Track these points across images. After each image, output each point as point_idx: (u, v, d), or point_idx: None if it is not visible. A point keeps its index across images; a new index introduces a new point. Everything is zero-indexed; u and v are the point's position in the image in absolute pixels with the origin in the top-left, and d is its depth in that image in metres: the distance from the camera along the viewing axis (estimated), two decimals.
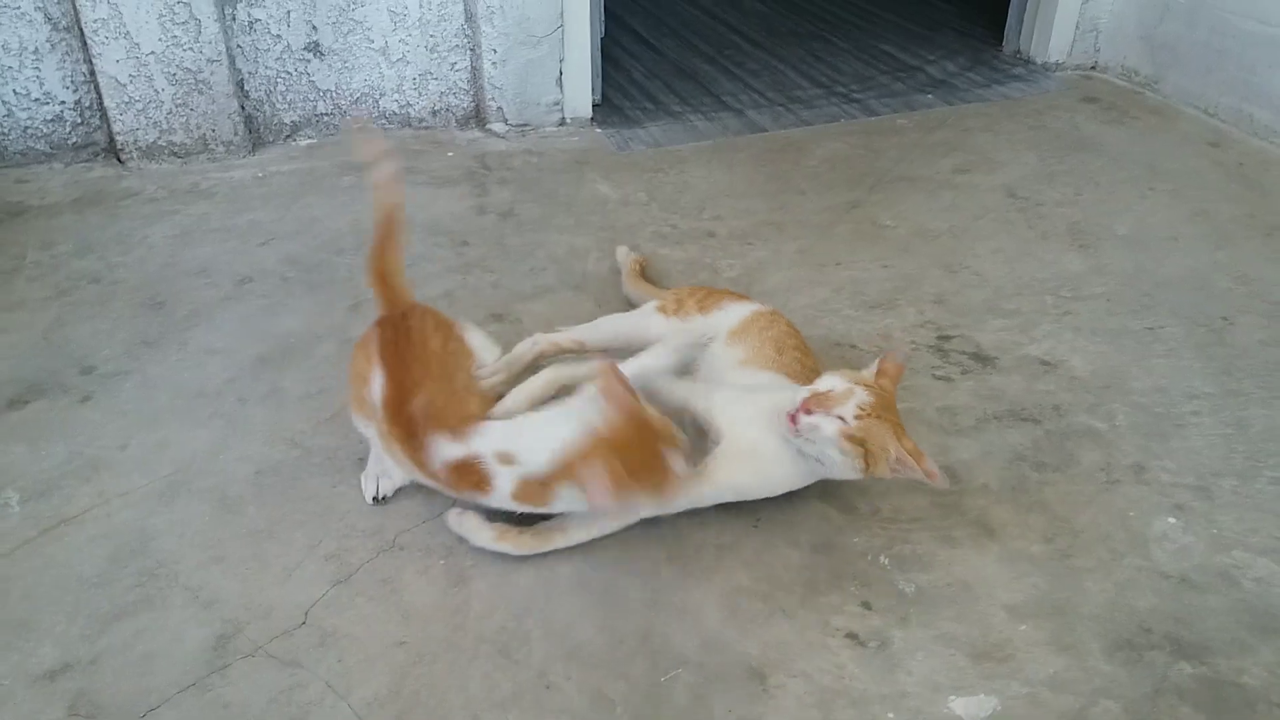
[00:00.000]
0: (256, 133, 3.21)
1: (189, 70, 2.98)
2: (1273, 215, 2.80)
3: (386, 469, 1.82)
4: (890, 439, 1.58)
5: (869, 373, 1.68)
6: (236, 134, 3.13)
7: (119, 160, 3.09)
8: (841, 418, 1.57)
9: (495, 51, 3.20)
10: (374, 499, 1.82)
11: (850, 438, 1.57)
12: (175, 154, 3.10)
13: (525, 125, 3.33)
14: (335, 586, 1.66)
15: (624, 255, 2.47)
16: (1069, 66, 3.82)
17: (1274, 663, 1.51)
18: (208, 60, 2.98)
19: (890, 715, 1.45)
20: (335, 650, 1.55)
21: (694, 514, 1.74)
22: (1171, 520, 1.77)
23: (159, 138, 3.06)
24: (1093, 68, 3.82)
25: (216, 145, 3.12)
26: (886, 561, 1.71)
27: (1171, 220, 2.79)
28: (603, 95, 3.51)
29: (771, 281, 2.51)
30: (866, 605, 1.63)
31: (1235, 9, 3.25)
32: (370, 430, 1.77)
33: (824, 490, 1.84)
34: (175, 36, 2.91)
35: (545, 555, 1.71)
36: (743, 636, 1.57)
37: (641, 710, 1.46)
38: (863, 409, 1.57)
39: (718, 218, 2.82)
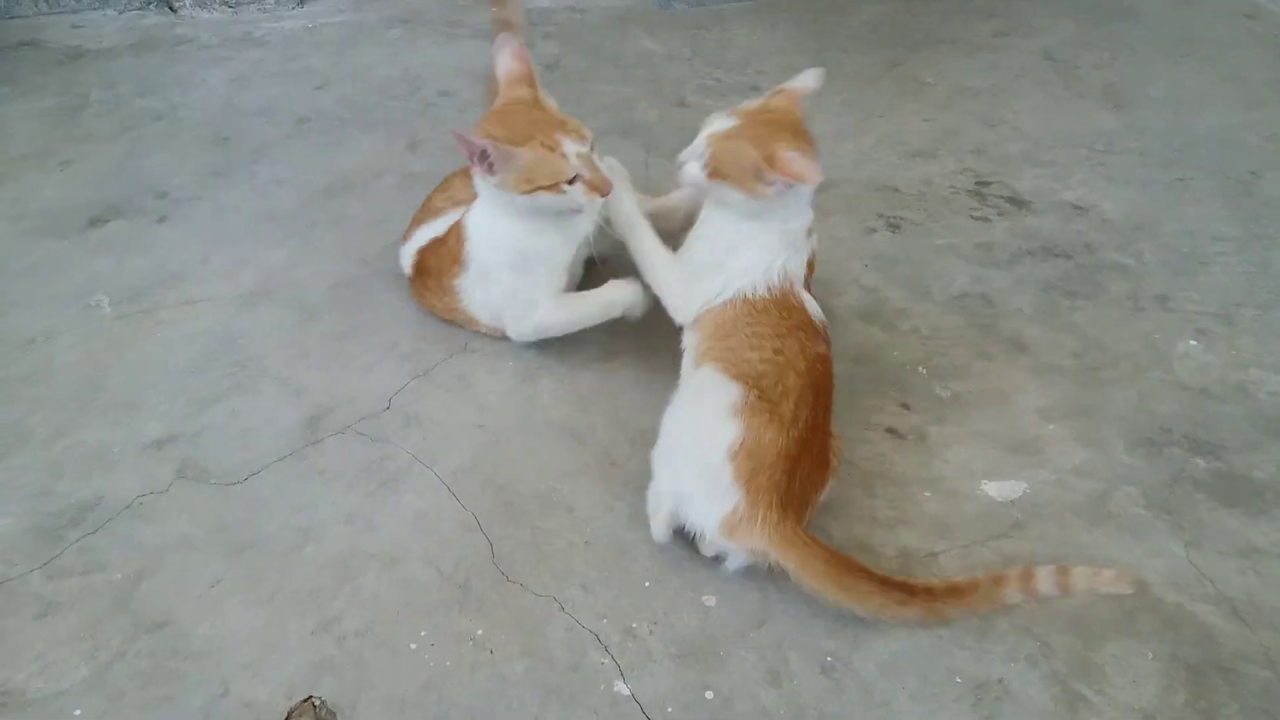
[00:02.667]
0: None
1: None
2: None
3: None
4: (743, 149, 1.49)
5: (756, 102, 1.62)
6: None
7: (171, 9, 3.14)
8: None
9: None
10: None
11: (711, 172, 1.52)
12: (226, 4, 3.15)
13: None
14: (414, 380, 1.79)
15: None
16: None
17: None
18: None
19: (927, 494, 1.59)
20: (419, 430, 1.69)
21: None
22: (1193, 342, 1.88)
23: None
24: None
25: None
26: (925, 371, 1.83)
27: (1204, 84, 2.83)
28: None
29: (817, 131, 2.51)
30: (905, 406, 1.76)
31: None
32: None
33: (865, 311, 1.96)
34: None
35: (606, 361, 1.84)
36: None
37: None
38: (713, 137, 1.53)
39: (761, 72, 2.87)
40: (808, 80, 1.63)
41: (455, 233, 1.78)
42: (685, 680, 1.33)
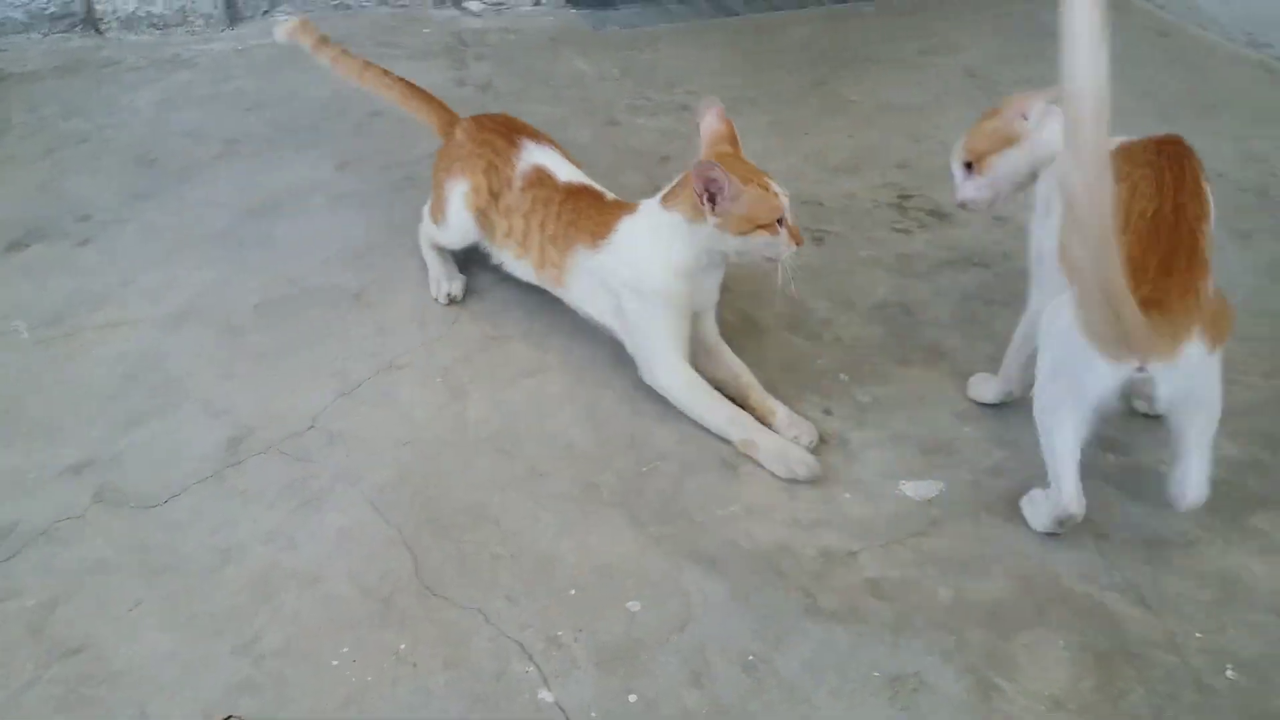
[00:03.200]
0: (234, 8, 3.25)
1: None
2: (1210, 96, 2.96)
3: (452, 272, 2.04)
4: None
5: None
6: (215, 7, 3.16)
7: (98, 31, 3.12)
8: None
9: None
10: (449, 298, 2.01)
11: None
12: (154, 25, 3.13)
13: (500, 4, 3.39)
14: (340, 398, 1.79)
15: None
16: None
17: None
18: None
19: (847, 495, 1.62)
20: (343, 448, 1.69)
21: None
22: None
23: (138, 8, 3.09)
24: None
25: (195, 18, 3.16)
26: (846, 378, 1.87)
27: (1120, 98, 2.92)
28: None
29: (744, 150, 2.62)
30: (828, 412, 1.79)
31: None
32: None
33: (790, 321, 2.00)
34: None
35: (534, 376, 1.85)
36: (716, 437, 1.73)
37: (625, 493, 1.62)
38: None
39: (691, 92, 2.92)
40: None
41: (606, 213, 1.82)
42: (609, 685, 1.33)
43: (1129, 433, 1.73)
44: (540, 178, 1.91)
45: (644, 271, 1.74)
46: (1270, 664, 1.38)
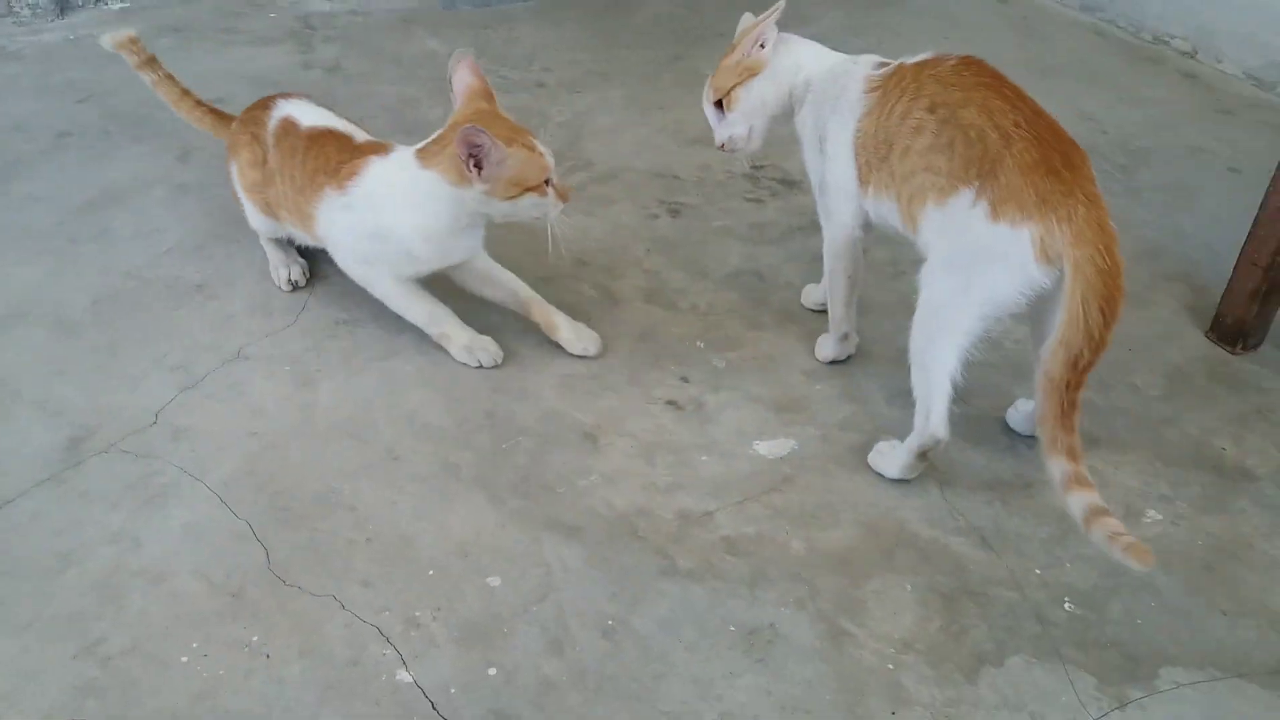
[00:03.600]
0: None
1: None
2: (1050, 59, 3.10)
3: (291, 258, 1.98)
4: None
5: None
6: None
7: None
8: None
9: None
10: (291, 284, 1.96)
11: None
12: None
13: None
14: (183, 392, 1.73)
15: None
16: None
17: (1025, 395, 1.77)
18: None
19: (704, 458, 1.65)
20: (188, 443, 1.64)
21: (527, 323, 1.88)
22: None
23: None
24: None
25: (21, 8, 3.00)
26: (702, 345, 1.90)
27: None
28: None
29: (600, 123, 2.64)
30: (684, 379, 1.81)
31: None
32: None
33: (648, 292, 2.02)
34: None
35: (388, 359, 1.83)
36: (576, 409, 1.74)
37: (485, 471, 1.61)
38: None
39: (547, 69, 2.91)
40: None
41: (351, 156, 1.76)
42: (468, 661, 1.33)
43: (968, 384, 1.80)
44: (286, 128, 1.85)
45: (392, 225, 1.71)
46: (1104, 594, 1.46)
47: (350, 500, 1.55)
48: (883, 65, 1.64)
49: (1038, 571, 1.50)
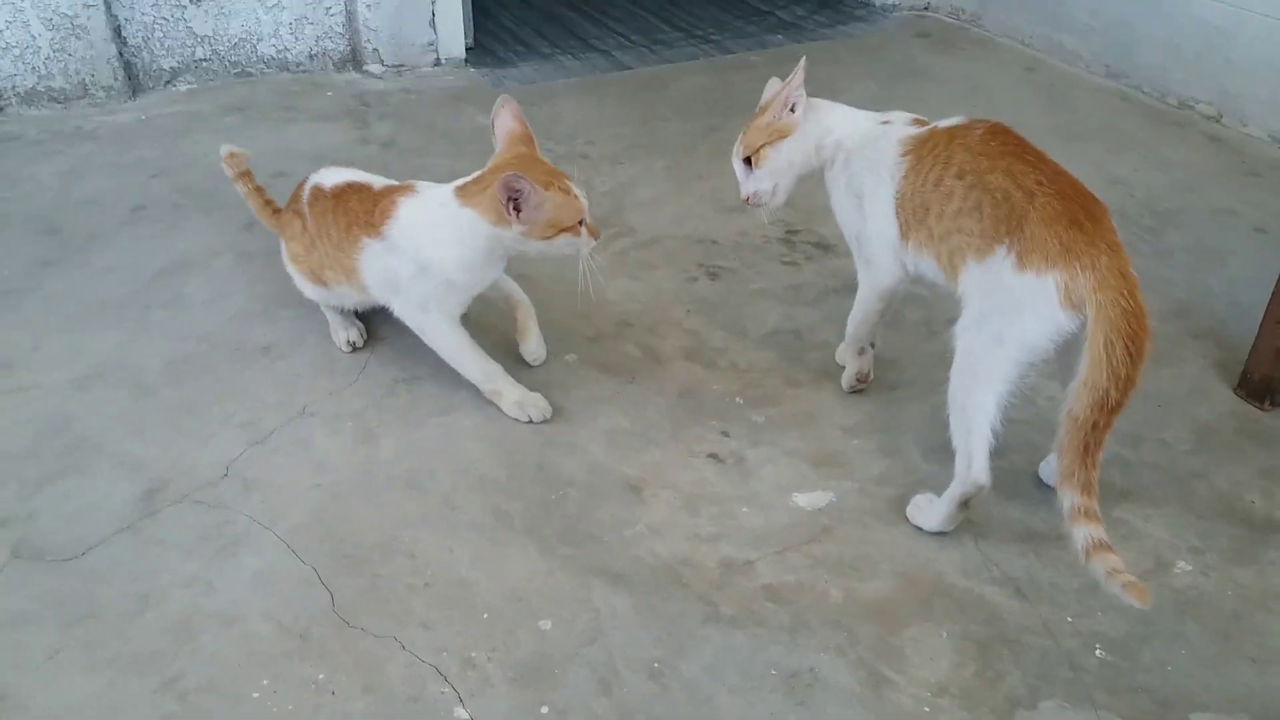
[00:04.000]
0: (136, 78, 3.28)
1: (65, 15, 3.04)
2: (1076, 126, 3.19)
3: (350, 321, 2.10)
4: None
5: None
6: (116, 79, 3.20)
7: None
8: None
9: None
10: (350, 345, 2.07)
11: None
12: (55, 99, 3.15)
13: (401, 66, 3.49)
14: (252, 446, 1.84)
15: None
16: (905, 7, 4.20)
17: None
18: (84, 5, 3.05)
19: (745, 510, 1.72)
20: (258, 494, 1.73)
21: (570, 372, 1.98)
22: None
23: (37, 83, 3.11)
24: (925, 8, 4.20)
25: (96, 90, 3.19)
26: (742, 401, 1.98)
27: None
28: (475, 39, 3.69)
29: (641, 193, 2.76)
30: (725, 434, 1.89)
31: None
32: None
33: (689, 351, 2.11)
34: None
35: (446, 414, 1.92)
36: (622, 463, 1.82)
37: (536, 520, 1.69)
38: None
39: (590, 142, 3.05)
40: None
41: (375, 203, 1.85)
42: (522, 700, 1.40)
43: (1003, 441, 1.86)
44: (316, 195, 1.97)
45: (433, 259, 1.80)
46: (1135, 642, 1.51)
47: (410, 547, 1.64)
48: (915, 122, 1.74)
49: (1070, 620, 1.54)
